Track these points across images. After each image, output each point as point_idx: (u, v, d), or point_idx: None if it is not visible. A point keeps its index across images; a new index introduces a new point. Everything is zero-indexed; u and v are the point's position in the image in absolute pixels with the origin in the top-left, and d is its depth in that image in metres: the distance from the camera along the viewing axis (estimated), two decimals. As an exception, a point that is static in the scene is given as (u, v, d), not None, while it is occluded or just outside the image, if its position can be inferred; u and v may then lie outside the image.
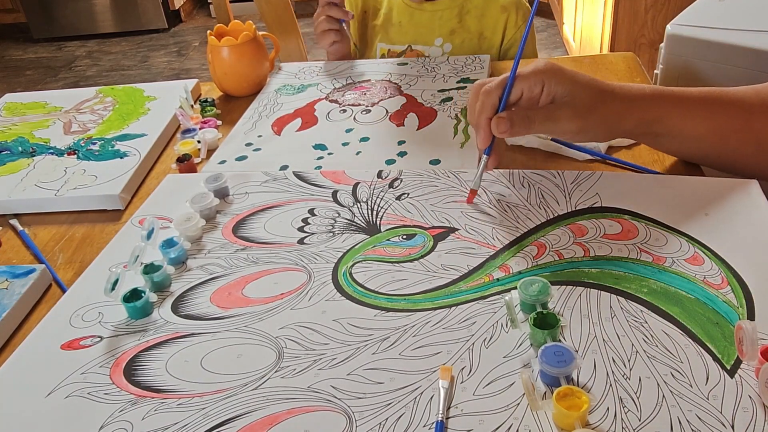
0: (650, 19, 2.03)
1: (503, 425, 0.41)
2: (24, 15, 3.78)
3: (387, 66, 0.96)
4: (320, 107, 0.86)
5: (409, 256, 0.56)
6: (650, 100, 0.60)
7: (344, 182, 0.67)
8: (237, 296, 0.54)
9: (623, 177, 0.63)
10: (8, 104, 0.98)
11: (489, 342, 0.47)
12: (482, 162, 0.61)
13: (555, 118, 0.57)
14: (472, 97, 0.60)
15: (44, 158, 0.80)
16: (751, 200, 0.57)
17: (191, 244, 0.61)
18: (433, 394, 0.43)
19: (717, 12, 0.91)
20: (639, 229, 0.56)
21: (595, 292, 0.50)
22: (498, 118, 0.57)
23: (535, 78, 0.57)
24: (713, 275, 0.50)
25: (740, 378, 0.42)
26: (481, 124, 0.58)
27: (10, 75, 3.47)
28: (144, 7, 3.77)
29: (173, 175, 0.74)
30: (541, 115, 0.57)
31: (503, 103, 0.58)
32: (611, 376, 0.43)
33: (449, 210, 0.61)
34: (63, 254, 0.65)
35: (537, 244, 0.56)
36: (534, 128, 0.58)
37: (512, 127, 0.57)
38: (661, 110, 0.60)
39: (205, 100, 0.90)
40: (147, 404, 0.45)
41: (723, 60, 0.88)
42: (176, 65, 3.40)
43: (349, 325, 0.49)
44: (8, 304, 0.56)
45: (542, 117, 0.57)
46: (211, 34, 0.93)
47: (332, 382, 0.45)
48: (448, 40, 1.04)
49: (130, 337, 0.51)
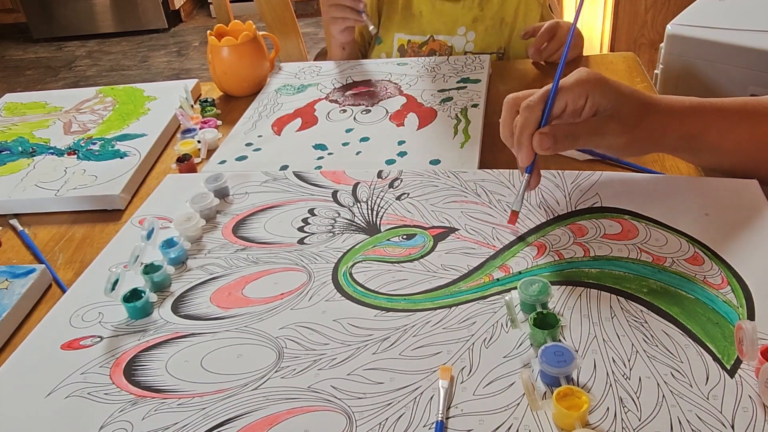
0: (650, 19, 2.03)
1: (503, 425, 0.41)
2: (24, 15, 3.77)
3: (387, 66, 0.96)
4: (320, 107, 0.86)
5: (409, 256, 0.56)
6: (691, 113, 0.57)
7: (344, 182, 0.67)
8: (237, 296, 0.54)
9: (623, 177, 0.63)
10: (8, 104, 0.98)
11: (489, 342, 0.47)
12: (524, 182, 0.57)
13: (601, 132, 0.54)
14: (507, 112, 0.57)
15: (44, 158, 0.80)
16: (751, 200, 0.57)
17: (191, 244, 0.61)
18: (433, 394, 0.43)
19: (717, 12, 0.91)
20: (639, 229, 0.56)
21: (595, 292, 0.50)
22: (541, 134, 0.53)
23: (580, 89, 0.54)
24: (713, 275, 0.50)
25: (740, 378, 0.42)
26: (523, 141, 0.54)
27: (10, 75, 3.47)
28: (144, 7, 3.77)
29: (173, 175, 0.74)
30: (586, 130, 0.54)
31: (545, 118, 0.54)
32: (611, 376, 0.43)
33: (449, 210, 0.61)
34: (63, 254, 0.65)
35: (537, 244, 0.56)
36: (579, 144, 0.54)
37: (556, 144, 0.53)
38: (702, 123, 0.58)
39: (205, 100, 0.90)
40: (147, 404, 0.45)
41: (723, 60, 0.88)
42: (176, 65, 3.40)
43: (349, 325, 0.49)
44: (8, 304, 0.56)
45: (588, 131, 0.54)
46: (211, 34, 0.93)
47: (332, 382, 0.45)
48: (471, 29, 1.04)
49: (130, 337, 0.51)
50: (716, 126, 0.58)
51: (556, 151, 0.54)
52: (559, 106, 0.54)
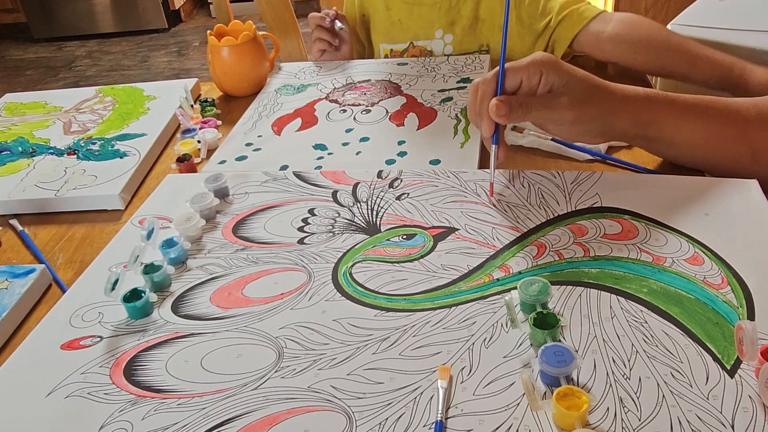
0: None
1: (503, 425, 0.41)
2: (24, 15, 3.78)
3: (387, 66, 0.96)
4: (320, 107, 0.86)
5: (409, 256, 0.56)
6: (645, 101, 0.60)
7: (344, 182, 0.67)
8: (237, 296, 0.54)
9: (623, 177, 0.63)
10: (8, 104, 0.98)
11: (489, 342, 0.47)
12: (492, 153, 0.61)
13: (552, 105, 0.58)
14: (473, 95, 0.61)
15: (44, 158, 0.80)
16: (751, 200, 0.57)
17: (191, 244, 0.61)
18: (433, 394, 0.43)
19: (717, 12, 0.91)
20: (639, 229, 0.56)
21: (595, 292, 0.50)
22: (497, 101, 0.57)
23: (534, 68, 0.58)
24: (713, 275, 0.50)
25: (740, 378, 0.42)
26: (483, 110, 0.59)
27: (10, 75, 3.47)
28: (144, 7, 3.77)
29: (173, 175, 0.74)
30: (538, 103, 0.58)
31: (500, 89, 0.59)
32: (611, 376, 0.43)
33: (449, 210, 0.61)
34: (63, 254, 0.65)
35: (537, 244, 0.56)
36: (531, 114, 0.58)
37: (511, 112, 0.57)
38: (655, 112, 0.61)
39: (205, 100, 0.90)
40: (147, 404, 0.45)
41: (723, 60, 0.88)
42: (176, 65, 3.40)
43: (349, 325, 0.49)
44: (8, 304, 0.56)
45: (540, 104, 0.58)
46: (211, 34, 0.93)
47: (332, 382, 0.45)
48: (448, 31, 1.04)
49: (130, 337, 0.51)
50: (667, 117, 0.61)
51: (511, 120, 0.58)
52: (514, 81, 0.59)
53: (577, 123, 0.59)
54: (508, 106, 0.57)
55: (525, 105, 0.58)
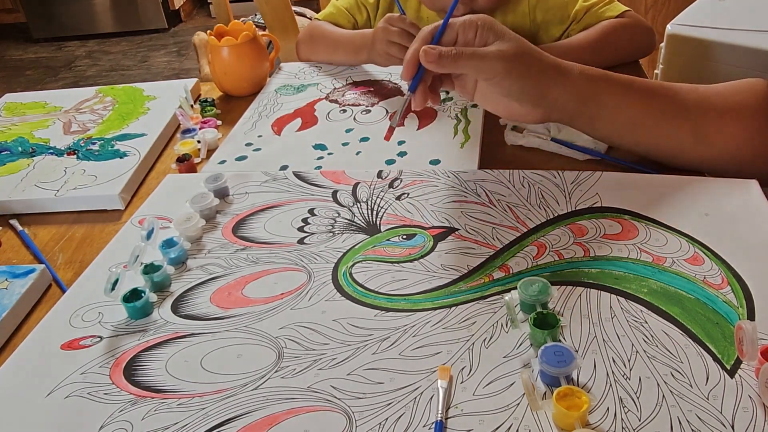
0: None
1: (503, 425, 0.41)
2: (24, 15, 3.78)
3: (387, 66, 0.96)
4: (320, 107, 0.86)
5: (409, 256, 0.56)
6: (582, 77, 0.61)
7: (344, 182, 0.67)
8: (237, 296, 0.54)
9: (623, 177, 0.63)
10: (8, 104, 0.98)
11: (489, 342, 0.47)
12: (405, 98, 0.61)
13: (482, 55, 0.58)
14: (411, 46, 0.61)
15: (44, 158, 0.80)
16: (751, 200, 0.57)
17: (191, 244, 0.61)
18: (433, 394, 0.43)
19: (717, 12, 0.91)
20: (639, 229, 0.56)
21: (595, 292, 0.50)
22: (427, 47, 0.57)
23: (469, 23, 0.59)
24: (713, 275, 0.50)
25: (740, 378, 0.42)
26: (409, 55, 0.59)
27: (10, 75, 3.47)
28: (144, 7, 3.77)
29: (173, 175, 0.74)
30: (469, 51, 0.58)
31: (435, 40, 0.59)
32: (611, 376, 0.43)
33: (449, 210, 0.61)
34: (63, 254, 0.65)
35: (537, 244, 0.56)
36: (461, 63, 0.58)
37: (440, 58, 0.57)
38: (594, 88, 0.61)
39: (205, 100, 0.90)
40: (147, 404, 0.45)
41: (723, 60, 0.88)
42: (176, 65, 3.40)
43: (349, 325, 0.49)
44: (8, 304, 0.56)
45: (470, 53, 0.58)
46: (211, 34, 0.93)
47: (332, 382, 0.45)
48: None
49: (130, 337, 0.51)
50: (607, 92, 0.61)
51: (439, 68, 0.58)
52: (450, 35, 0.60)
53: (509, 77, 0.58)
54: (438, 54, 0.57)
55: (455, 54, 0.58)
